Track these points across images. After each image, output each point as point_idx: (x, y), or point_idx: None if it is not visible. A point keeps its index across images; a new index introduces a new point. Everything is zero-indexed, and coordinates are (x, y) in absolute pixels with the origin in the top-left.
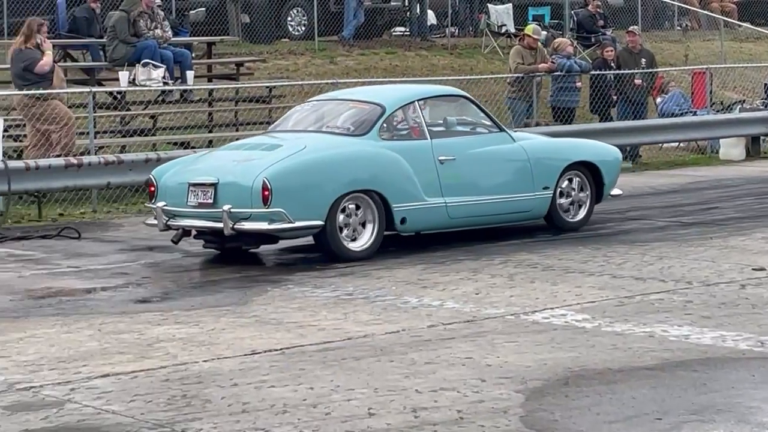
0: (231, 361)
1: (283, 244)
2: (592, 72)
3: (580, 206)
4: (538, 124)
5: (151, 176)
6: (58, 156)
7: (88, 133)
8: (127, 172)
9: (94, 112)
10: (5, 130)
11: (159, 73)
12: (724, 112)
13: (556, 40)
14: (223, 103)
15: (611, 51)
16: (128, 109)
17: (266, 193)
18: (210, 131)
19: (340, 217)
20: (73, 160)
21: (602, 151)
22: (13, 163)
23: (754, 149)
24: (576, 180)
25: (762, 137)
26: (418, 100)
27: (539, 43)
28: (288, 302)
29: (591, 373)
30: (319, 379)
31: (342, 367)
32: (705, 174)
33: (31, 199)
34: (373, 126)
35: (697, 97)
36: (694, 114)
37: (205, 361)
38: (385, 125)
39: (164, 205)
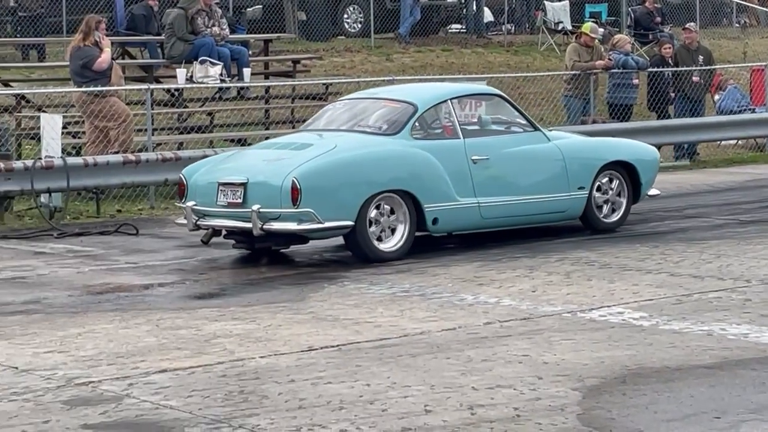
0: (288, 357)
1: (339, 240)
2: (650, 69)
3: (616, 207)
4: (594, 122)
5: (181, 175)
6: (116, 153)
7: (145, 130)
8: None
9: (152, 109)
10: (64, 127)
11: (216, 70)
12: None
13: (615, 37)
14: (279, 100)
15: (669, 48)
16: (185, 106)
17: (295, 193)
18: (267, 128)
19: (371, 218)
20: (131, 157)
21: (639, 150)
22: (72, 160)
23: None
24: (612, 180)
25: None
26: (451, 99)
27: (596, 41)
28: (344, 299)
29: (648, 372)
30: (375, 375)
31: (398, 363)
32: (764, 172)
33: (90, 195)
34: (405, 125)
35: (756, 94)
36: (753, 111)
37: (262, 357)
38: (417, 124)
39: (194, 205)
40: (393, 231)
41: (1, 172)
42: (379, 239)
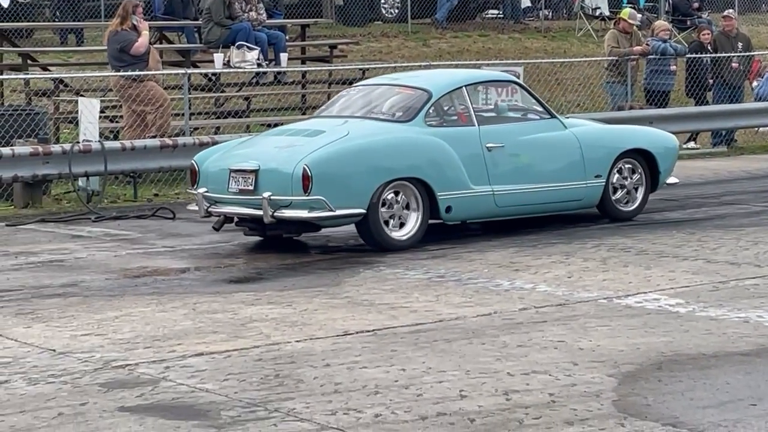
0: (323, 341)
1: None
2: (688, 55)
3: (634, 195)
4: (632, 108)
5: (193, 161)
6: (154, 137)
7: (182, 114)
8: None
9: (189, 94)
10: (102, 111)
11: (253, 55)
12: None
13: (654, 24)
14: (316, 85)
15: (708, 34)
16: (222, 91)
17: (306, 180)
18: (303, 113)
19: (383, 206)
20: (168, 141)
21: (657, 138)
22: (110, 144)
23: None
24: (630, 168)
25: None
26: (466, 86)
27: (635, 27)
28: (380, 284)
29: (684, 358)
30: (410, 360)
31: (434, 349)
32: None
33: (127, 179)
34: (419, 112)
35: None
36: None
37: (297, 341)
38: (431, 111)
39: (205, 191)
40: (406, 219)
41: (40, 155)
42: (392, 227)
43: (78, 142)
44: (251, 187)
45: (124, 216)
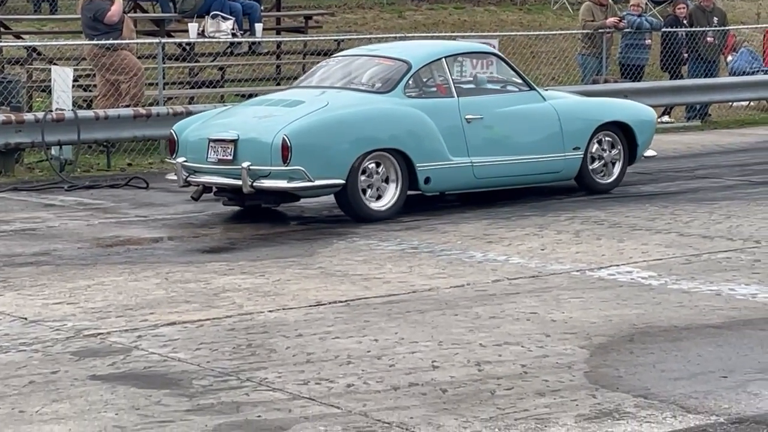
0: (296, 311)
1: None
2: (664, 29)
3: (612, 168)
4: (606, 81)
5: (171, 131)
6: (127, 106)
7: (156, 84)
8: None
9: (163, 63)
10: (75, 80)
11: (228, 25)
12: None
13: None
14: (291, 56)
15: (683, 8)
16: (197, 61)
17: (285, 150)
18: (278, 84)
19: (362, 177)
20: (142, 111)
21: (636, 111)
22: (83, 113)
23: None
24: (608, 141)
25: None
26: (445, 57)
27: (610, 0)
28: (353, 255)
29: (656, 331)
30: (383, 331)
31: (406, 319)
32: None
33: (100, 148)
34: (398, 83)
35: None
36: (765, 72)
37: (270, 311)
38: (410, 82)
39: (184, 161)
40: (384, 190)
41: (12, 124)
42: (370, 198)
43: (51, 111)
44: (230, 157)
45: (97, 185)
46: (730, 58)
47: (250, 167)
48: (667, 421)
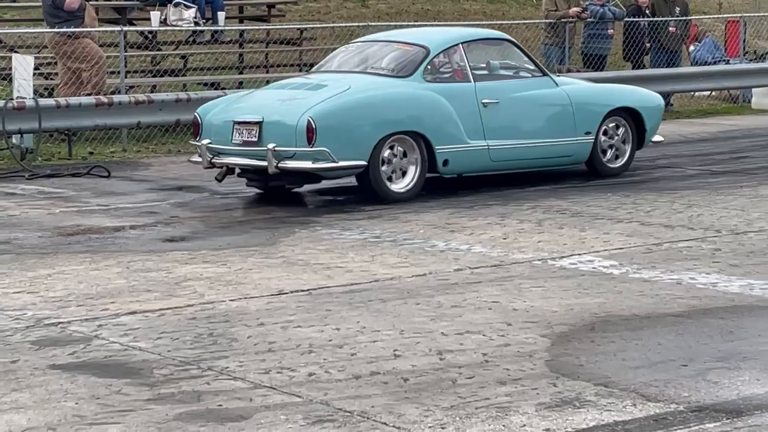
0: (258, 300)
1: (311, 186)
2: (626, 19)
3: (621, 152)
4: (569, 71)
5: (196, 114)
6: (89, 95)
7: (118, 72)
8: (158, 111)
9: (125, 52)
10: (36, 68)
11: (190, 13)
12: (757, 62)
13: None
14: (253, 44)
15: None
16: (159, 49)
17: (311, 132)
18: (240, 72)
19: (383, 158)
20: (104, 99)
21: (645, 97)
22: (44, 101)
23: None
24: (618, 126)
25: None
26: (462, 43)
27: None
28: (315, 244)
29: (617, 319)
30: (345, 320)
31: (368, 308)
32: (736, 123)
33: (62, 137)
34: (417, 68)
35: (731, 45)
36: (727, 63)
37: (232, 300)
38: (429, 67)
39: (209, 143)
40: (404, 172)
41: None
42: (391, 179)
43: (12, 99)
44: (255, 139)
45: (58, 174)
46: (692, 47)
47: (275, 148)
48: (627, 409)
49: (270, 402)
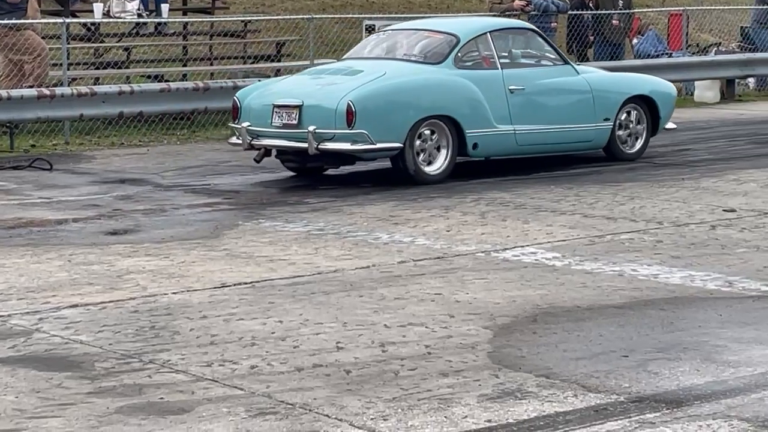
0: (200, 293)
1: (256, 179)
2: (570, 12)
3: (636, 138)
4: None
5: (235, 98)
6: (31, 87)
7: (61, 64)
8: (100, 104)
9: (68, 44)
10: None
11: (133, 5)
12: (700, 55)
13: None
14: (197, 36)
15: None
16: (102, 41)
17: (350, 115)
18: (184, 65)
19: (417, 141)
20: (46, 91)
21: (659, 86)
22: None
23: (728, 92)
24: (634, 113)
25: (737, 80)
26: (490, 32)
27: None
28: (259, 236)
29: (559, 311)
30: (288, 312)
31: (311, 301)
32: (679, 116)
33: (3, 129)
34: (448, 55)
35: (673, 38)
36: (670, 56)
37: (174, 293)
38: (459, 54)
39: (248, 126)
40: (436, 156)
41: None
42: (424, 162)
43: None
44: (295, 122)
45: None
46: (635, 41)
47: (316, 130)
48: (568, 400)
49: (212, 395)
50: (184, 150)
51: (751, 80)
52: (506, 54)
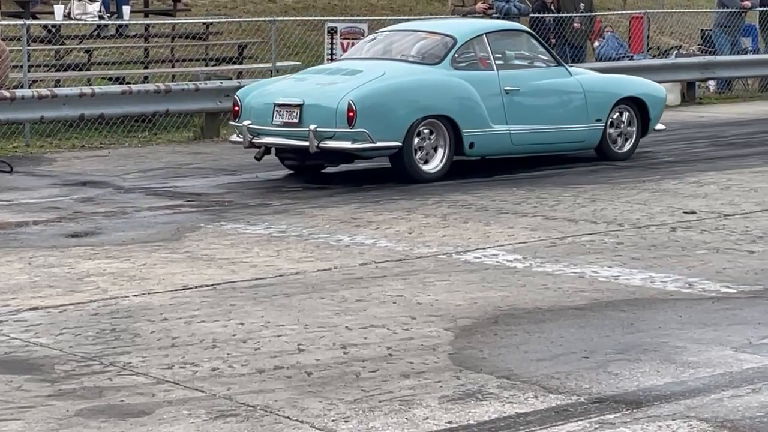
0: (161, 296)
1: (217, 181)
2: (532, 15)
3: (627, 139)
4: None
5: (235, 96)
6: None
7: (21, 66)
8: (61, 106)
9: (28, 46)
10: None
11: (95, 7)
12: (661, 57)
13: None
14: (159, 39)
15: None
16: (63, 43)
17: (351, 114)
18: (146, 67)
19: (416, 140)
20: (6, 94)
21: (649, 87)
22: None
23: (689, 95)
24: (625, 114)
25: (697, 83)
26: (486, 33)
27: None
28: (220, 239)
29: (520, 312)
30: (249, 314)
31: (273, 303)
32: None
33: None
34: (446, 56)
35: (634, 41)
36: (631, 58)
37: (135, 295)
38: (456, 55)
39: (249, 124)
40: (433, 154)
41: None
42: (422, 161)
43: None
44: (296, 120)
45: None
46: (596, 43)
47: (317, 129)
48: (529, 401)
49: (173, 397)
50: (145, 152)
51: (711, 83)
52: (502, 55)
